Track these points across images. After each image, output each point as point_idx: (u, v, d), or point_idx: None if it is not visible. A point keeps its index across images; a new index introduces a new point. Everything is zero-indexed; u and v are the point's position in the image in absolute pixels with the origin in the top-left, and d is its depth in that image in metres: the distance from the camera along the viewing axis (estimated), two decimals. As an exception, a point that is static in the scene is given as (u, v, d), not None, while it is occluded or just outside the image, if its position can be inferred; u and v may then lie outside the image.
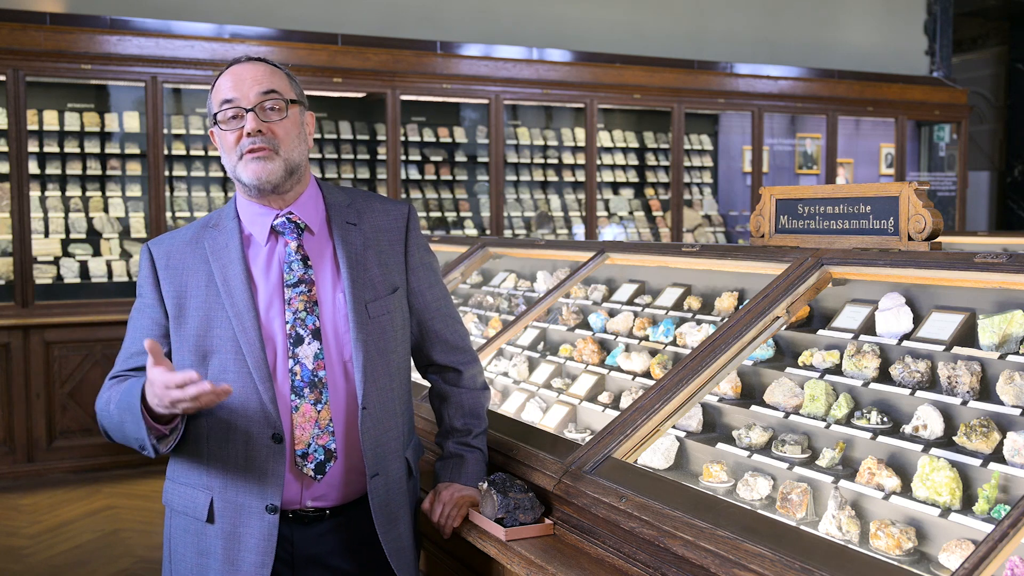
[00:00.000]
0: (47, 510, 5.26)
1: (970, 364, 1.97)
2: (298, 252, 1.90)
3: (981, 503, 1.80)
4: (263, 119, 1.85)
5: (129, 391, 1.78)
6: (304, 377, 1.86)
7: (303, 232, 1.93)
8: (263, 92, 1.86)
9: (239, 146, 1.85)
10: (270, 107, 1.86)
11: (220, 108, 1.87)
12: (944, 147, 9.40)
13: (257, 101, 1.85)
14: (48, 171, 6.32)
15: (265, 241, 1.91)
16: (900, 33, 9.42)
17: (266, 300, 1.88)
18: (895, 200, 2.23)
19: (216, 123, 1.88)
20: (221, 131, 1.88)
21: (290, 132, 1.89)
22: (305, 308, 1.88)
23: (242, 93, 1.85)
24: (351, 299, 1.90)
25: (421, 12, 7.46)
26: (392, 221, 2.03)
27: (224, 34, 6.45)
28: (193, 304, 1.87)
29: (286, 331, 1.86)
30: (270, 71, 1.90)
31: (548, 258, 3.64)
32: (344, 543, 1.93)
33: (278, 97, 1.87)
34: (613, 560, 1.81)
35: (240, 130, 1.85)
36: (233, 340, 1.83)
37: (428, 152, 7.45)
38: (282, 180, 1.88)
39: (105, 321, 5.92)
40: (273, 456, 1.83)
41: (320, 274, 1.91)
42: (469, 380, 2.15)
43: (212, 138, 1.94)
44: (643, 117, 8.19)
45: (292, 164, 1.89)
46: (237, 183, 1.92)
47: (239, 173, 1.87)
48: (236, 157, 1.86)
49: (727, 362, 2.22)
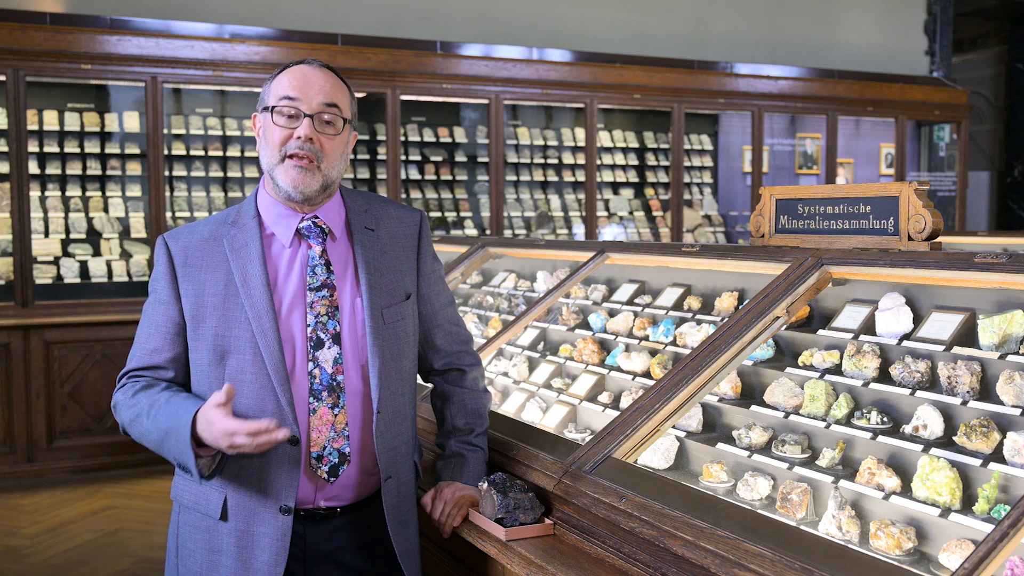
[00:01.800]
0: (47, 510, 5.26)
1: (970, 364, 1.97)
2: (322, 257, 1.91)
3: (981, 503, 1.80)
4: (318, 129, 1.85)
5: (175, 415, 1.76)
6: (323, 380, 1.86)
7: (327, 237, 1.93)
8: (326, 103, 1.86)
9: (285, 146, 1.85)
10: (327, 119, 1.87)
11: (279, 102, 1.86)
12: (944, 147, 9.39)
13: (318, 110, 1.85)
14: (48, 171, 6.32)
15: (289, 243, 1.91)
16: (900, 33, 9.42)
17: (287, 302, 1.88)
18: (895, 200, 2.23)
19: (270, 112, 1.86)
20: (272, 124, 1.86)
21: (336, 150, 1.89)
22: (327, 312, 1.88)
23: (306, 96, 1.85)
24: (369, 305, 1.91)
25: (421, 12, 7.45)
26: (406, 228, 2.05)
27: (224, 34, 6.45)
28: (212, 303, 1.86)
29: (306, 334, 1.87)
30: (337, 84, 1.90)
31: (548, 258, 3.64)
32: (355, 540, 1.95)
33: (337, 113, 1.88)
34: (613, 560, 1.81)
35: (292, 130, 1.85)
36: (251, 341, 1.83)
37: (428, 152, 7.44)
38: (315, 194, 1.89)
39: (105, 321, 5.92)
40: (289, 458, 1.83)
41: (340, 279, 1.92)
42: (472, 382, 2.18)
43: (253, 121, 1.94)
44: (643, 117, 8.19)
45: (329, 181, 1.90)
46: (269, 180, 1.91)
47: (277, 174, 1.87)
48: (278, 157, 1.86)
49: (727, 362, 2.22)
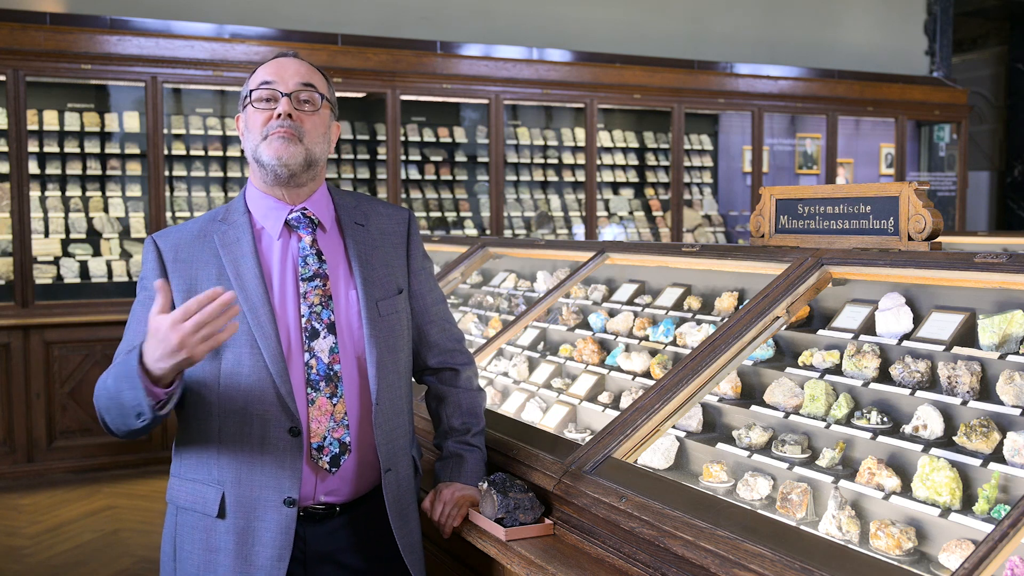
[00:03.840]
0: (47, 510, 5.26)
1: (970, 364, 1.97)
2: (313, 247, 1.92)
3: (981, 503, 1.79)
4: (296, 108, 1.89)
5: (126, 360, 1.71)
6: (320, 370, 1.87)
7: (316, 228, 1.94)
8: (302, 83, 1.91)
9: (266, 127, 1.88)
10: (304, 98, 1.91)
11: (256, 87, 1.89)
12: (944, 147, 9.39)
13: (294, 89, 1.90)
14: (48, 171, 6.32)
15: (278, 235, 1.92)
16: (900, 33, 9.42)
17: (279, 294, 1.88)
18: (895, 200, 2.23)
19: (249, 103, 1.90)
20: (253, 110, 1.89)
21: (317, 127, 1.92)
22: (320, 302, 1.89)
23: (281, 78, 1.90)
24: (363, 296, 1.93)
25: (421, 12, 7.45)
26: (395, 225, 2.07)
27: (224, 34, 6.45)
28: None
29: (301, 324, 1.87)
30: (312, 69, 1.96)
31: (548, 258, 3.64)
32: (355, 539, 1.95)
33: (314, 91, 1.92)
34: (613, 560, 1.81)
35: (271, 112, 1.88)
36: (247, 334, 1.83)
37: (428, 152, 7.44)
38: (301, 169, 1.90)
39: (105, 321, 5.92)
40: (291, 449, 1.83)
41: (333, 270, 1.93)
42: (466, 381, 2.18)
43: (237, 124, 1.97)
44: (643, 117, 8.19)
45: (312, 157, 1.91)
46: (255, 166, 1.92)
47: (260, 152, 1.88)
48: (260, 137, 1.88)
49: (727, 362, 2.22)
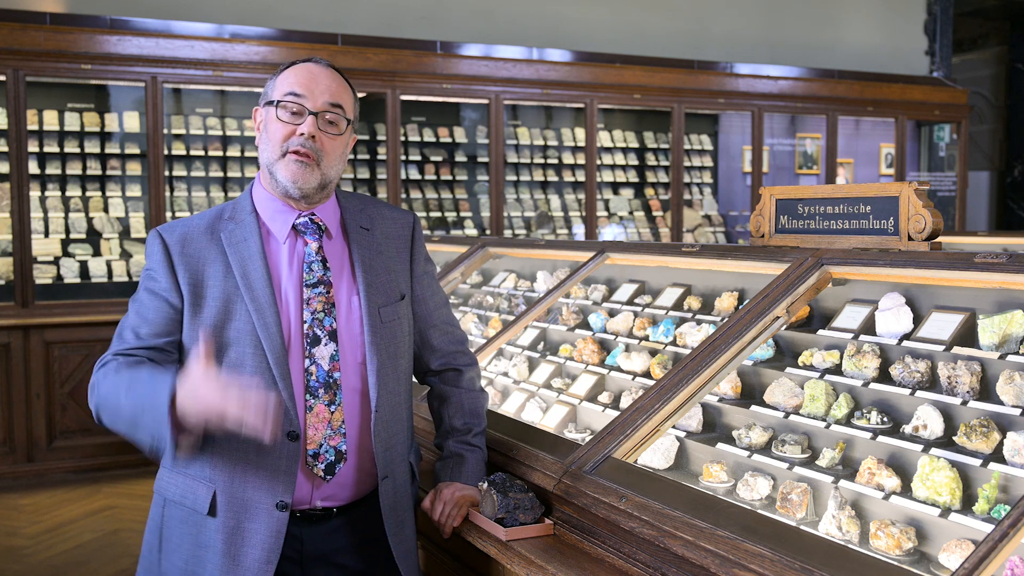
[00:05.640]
0: (47, 510, 5.26)
1: (970, 364, 1.97)
2: (318, 253, 1.91)
3: (981, 503, 1.79)
4: (321, 128, 1.87)
5: (151, 382, 1.68)
6: (320, 377, 1.86)
7: (323, 234, 1.94)
8: (331, 103, 1.88)
9: (287, 142, 1.86)
10: (331, 119, 1.89)
11: (284, 97, 1.86)
12: (944, 147, 9.39)
13: (322, 108, 1.87)
14: (48, 171, 6.32)
15: (284, 239, 1.91)
16: (900, 33, 9.42)
17: (283, 298, 1.88)
18: (895, 200, 2.23)
19: (275, 107, 1.86)
20: (275, 119, 1.86)
21: (337, 150, 1.91)
22: (323, 309, 1.88)
23: (311, 94, 1.87)
24: (366, 303, 1.92)
25: (421, 12, 7.45)
26: (400, 229, 2.06)
27: (224, 34, 6.45)
28: (211, 294, 1.85)
29: (303, 331, 1.86)
30: (343, 85, 1.93)
31: (548, 258, 3.64)
32: (352, 541, 1.94)
33: (341, 114, 1.90)
34: (613, 560, 1.81)
35: (295, 127, 1.86)
36: (252, 334, 1.82)
37: (428, 152, 7.44)
38: (313, 192, 1.90)
39: (105, 321, 5.91)
40: (287, 454, 1.83)
41: (337, 277, 1.93)
42: (468, 382, 2.18)
43: (254, 115, 1.94)
44: (643, 117, 8.19)
45: (327, 179, 1.91)
46: (267, 174, 1.91)
47: (276, 169, 1.87)
48: (279, 152, 1.86)
49: (727, 362, 2.22)
